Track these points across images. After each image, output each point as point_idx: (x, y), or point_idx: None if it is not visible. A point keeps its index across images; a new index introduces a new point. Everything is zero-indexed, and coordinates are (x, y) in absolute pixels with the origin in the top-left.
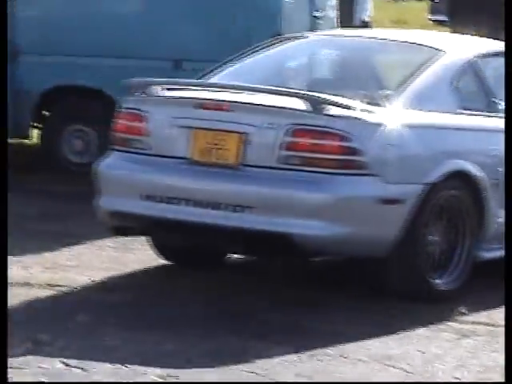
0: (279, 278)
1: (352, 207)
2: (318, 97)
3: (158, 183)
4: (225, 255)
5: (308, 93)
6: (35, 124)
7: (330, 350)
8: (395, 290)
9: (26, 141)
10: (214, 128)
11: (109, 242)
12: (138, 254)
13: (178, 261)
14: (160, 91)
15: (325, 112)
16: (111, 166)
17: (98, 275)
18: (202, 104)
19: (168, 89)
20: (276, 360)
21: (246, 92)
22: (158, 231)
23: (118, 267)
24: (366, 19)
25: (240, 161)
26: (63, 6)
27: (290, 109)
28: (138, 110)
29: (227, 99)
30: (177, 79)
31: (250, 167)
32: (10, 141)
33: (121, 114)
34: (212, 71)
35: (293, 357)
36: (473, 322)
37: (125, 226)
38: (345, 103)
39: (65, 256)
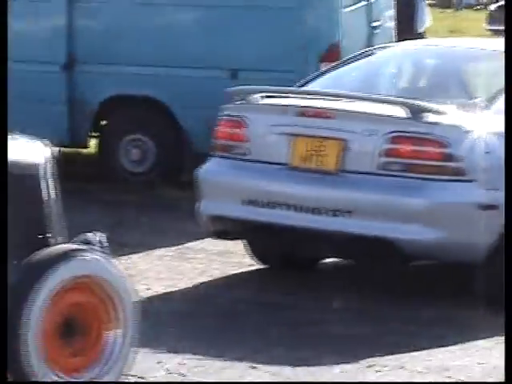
0: (361, 285)
1: (451, 212)
2: (417, 104)
3: (258, 188)
4: (320, 259)
5: (407, 100)
6: (93, 133)
7: (388, 361)
8: (488, 296)
9: (84, 150)
10: (315, 135)
11: (166, 252)
12: (195, 263)
13: (273, 264)
14: (260, 99)
15: (424, 119)
16: (212, 171)
17: (155, 284)
18: (303, 111)
19: (267, 96)
20: (336, 370)
21: (345, 99)
22: (259, 235)
23: (176, 276)
24: (419, 30)
25: (339, 167)
26: (122, 16)
27: (390, 116)
28: (239, 116)
29: (327, 107)
30: (277, 87)
31: (349, 173)
32: (67, 150)
33: (221, 121)
34: (309, 80)
35: (352, 367)
36: None
37: (225, 230)
38: (443, 110)
39: (121, 265)
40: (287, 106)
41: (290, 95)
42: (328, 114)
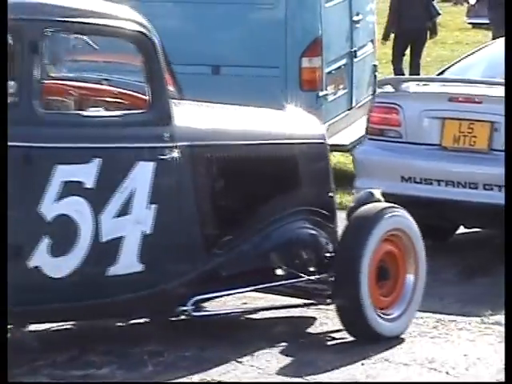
0: None
1: None
2: None
3: (414, 167)
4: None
5: None
6: None
7: (373, 354)
8: None
9: None
10: (465, 118)
11: None
12: None
13: None
14: (411, 87)
15: None
16: (368, 152)
17: None
18: (454, 97)
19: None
20: (320, 364)
21: (488, 85)
22: (413, 208)
23: None
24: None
25: (489, 146)
26: None
27: None
28: (392, 103)
29: (475, 93)
30: (425, 76)
31: (499, 151)
32: None
33: (375, 107)
34: (445, 69)
35: (337, 361)
36: None
37: None
38: None
39: None
40: (439, 93)
41: (436, 83)
42: (477, 100)
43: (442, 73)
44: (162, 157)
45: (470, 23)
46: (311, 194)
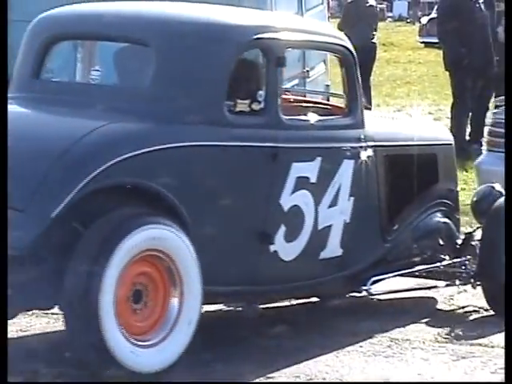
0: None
1: None
2: None
3: None
4: None
5: None
6: None
7: (327, 374)
8: None
9: None
10: None
11: None
12: None
13: None
14: None
15: None
16: (489, 163)
17: None
18: None
19: None
20: None
21: None
22: None
23: None
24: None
25: None
26: None
27: None
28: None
29: None
30: None
31: None
32: None
33: (495, 123)
34: None
35: (290, 381)
36: (470, 344)
37: None
38: None
39: None
40: None
41: None
42: None
43: None
44: (359, 155)
45: (422, 42)
46: (445, 188)
